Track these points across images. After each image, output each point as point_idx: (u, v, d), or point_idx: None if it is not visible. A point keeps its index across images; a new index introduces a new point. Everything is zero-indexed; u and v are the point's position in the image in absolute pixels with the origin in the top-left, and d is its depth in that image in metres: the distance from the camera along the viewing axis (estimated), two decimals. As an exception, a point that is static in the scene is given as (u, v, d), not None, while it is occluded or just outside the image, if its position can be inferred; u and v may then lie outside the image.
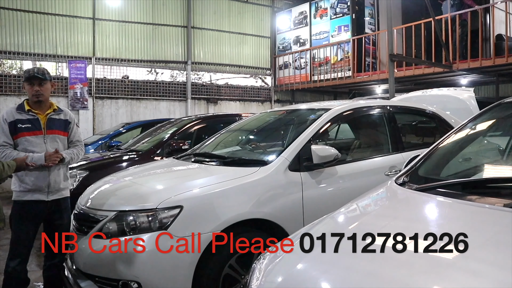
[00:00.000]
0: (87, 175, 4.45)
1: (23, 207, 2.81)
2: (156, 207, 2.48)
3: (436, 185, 1.74)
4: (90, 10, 9.74)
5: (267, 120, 4.08)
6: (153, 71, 11.27)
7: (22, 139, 2.80)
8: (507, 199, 1.47)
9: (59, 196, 2.90)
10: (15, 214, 2.84)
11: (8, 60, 10.43)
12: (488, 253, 1.22)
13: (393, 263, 1.27)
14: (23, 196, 2.81)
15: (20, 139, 2.80)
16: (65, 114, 2.98)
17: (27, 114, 2.84)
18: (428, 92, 6.19)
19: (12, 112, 2.85)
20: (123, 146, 6.08)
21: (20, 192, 2.82)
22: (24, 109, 2.85)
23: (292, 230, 2.34)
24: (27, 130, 2.82)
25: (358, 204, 1.89)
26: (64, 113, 2.98)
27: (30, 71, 2.85)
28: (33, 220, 2.85)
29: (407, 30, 9.28)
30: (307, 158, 2.91)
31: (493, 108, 2.29)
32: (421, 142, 4.03)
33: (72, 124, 3.00)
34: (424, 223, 1.56)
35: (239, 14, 11.82)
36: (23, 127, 2.81)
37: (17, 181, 2.83)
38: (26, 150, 2.77)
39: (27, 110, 2.85)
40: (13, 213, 2.86)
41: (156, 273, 2.39)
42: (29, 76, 2.82)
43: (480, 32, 8.37)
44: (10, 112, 2.86)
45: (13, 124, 2.80)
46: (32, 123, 2.83)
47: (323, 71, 10.90)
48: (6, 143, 2.77)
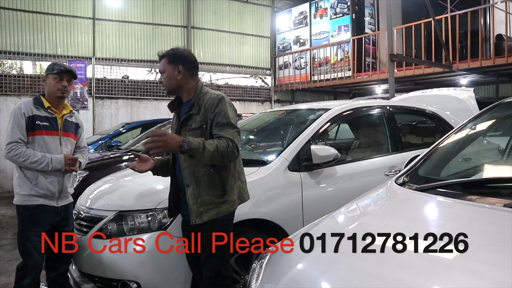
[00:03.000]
0: (87, 175, 4.45)
1: (35, 212, 2.57)
2: (155, 207, 2.48)
3: (436, 185, 1.74)
4: (90, 10, 9.74)
5: (267, 120, 4.08)
6: (153, 71, 11.26)
7: (39, 138, 2.56)
8: (507, 199, 1.47)
9: (67, 201, 2.73)
10: (26, 221, 2.58)
11: (8, 60, 10.44)
12: (488, 253, 1.22)
13: (393, 263, 1.27)
14: (33, 201, 2.56)
15: (37, 137, 2.56)
16: (76, 117, 2.84)
17: (46, 111, 2.61)
18: (428, 92, 6.19)
19: (30, 106, 2.57)
20: (123, 146, 6.08)
21: (30, 197, 2.56)
22: (42, 105, 2.61)
23: (292, 230, 2.34)
24: (45, 129, 2.58)
25: (358, 204, 1.89)
26: (76, 116, 2.83)
27: (61, 65, 2.67)
28: (45, 227, 2.62)
29: (407, 30, 9.28)
30: (307, 158, 2.91)
31: (493, 108, 2.29)
32: (421, 142, 4.03)
33: (81, 128, 2.88)
34: (424, 223, 1.56)
35: (239, 14, 11.82)
36: (41, 125, 2.57)
37: (26, 183, 2.56)
38: (41, 151, 2.55)
39: (46, 107, 2.62)
40: (24, 220, 2.59)
41: (156, 273, 2.39)
42: (61, 70, 2.63)
43: (480, 32, 8.37)
44: (28, 105, 2.58)
45: (31, 119, 2.54)
46: (50, 121, 2.61)
47: (323, 71, 10.90)
48: (21, 140, 2.51)
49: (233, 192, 2.22)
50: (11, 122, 2.55)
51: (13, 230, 5.22)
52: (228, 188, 2.18)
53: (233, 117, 2.18)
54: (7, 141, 2.52)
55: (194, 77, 2.30)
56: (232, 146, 2.07)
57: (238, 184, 2.27)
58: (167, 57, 2.28)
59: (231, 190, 2.20)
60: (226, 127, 2.12)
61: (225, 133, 2.09)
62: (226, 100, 2.19)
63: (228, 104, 2.19)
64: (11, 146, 2.50)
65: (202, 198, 2.15)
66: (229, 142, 2.07)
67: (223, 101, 2.18)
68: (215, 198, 2.16)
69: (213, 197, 2.15)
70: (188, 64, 2.27)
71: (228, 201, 2.18)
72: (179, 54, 2.29)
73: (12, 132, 2.52)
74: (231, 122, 2.14)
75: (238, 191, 2.27)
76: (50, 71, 2.66)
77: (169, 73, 2.26)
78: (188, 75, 2.26)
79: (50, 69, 2.67)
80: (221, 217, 2.16)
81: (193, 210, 2.16)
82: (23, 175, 2.57)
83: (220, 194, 2.16)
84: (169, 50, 2.32)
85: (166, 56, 2.29)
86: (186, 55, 2.31)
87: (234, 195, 2.22)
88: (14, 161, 2.53)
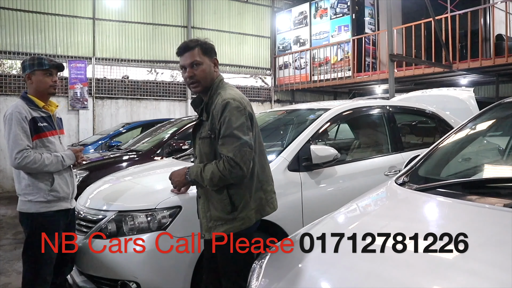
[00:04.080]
0: (87, 175, 4.45)
1: (52, 219, 2.43)
2: (155, 207, 2.47)
3: (436, 185, 1.74)
4: (90, 10, 9.75)
5: (267, 120, 4.08)
6: (153, 71, 11.26)
7: (44, 140, 2.42)
8: (507, 199, 1.47)
9: (74, 202, 2.64)
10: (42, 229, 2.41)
11: (8, 60, 10.43)
12: (488, 253, 1.22)
13: (393, 263, 1.27)
14: (51, 207, 2.42)
15: (42, 140, 2.41)
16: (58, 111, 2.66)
17: (41, 111, 2.46)
18: (428, 92, 6.19)
19: (26, 108, 2.39)
20: (123, 146, 6.08)
21: (47, 203, 2.40)
22: (37, 105, 2.44)
23: (291, 230, 2.34)
24: (47, 130, 2.44)
25: (358, 204, 1.89)
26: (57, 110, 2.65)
27: (50, 60, 2.47)
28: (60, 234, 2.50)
29: (407, 30, 9.28)
30: (307, 158, 2.91)
31: (493, 108, 2.29)
32: (421, 142, 4.03)
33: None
34: (424, 223, 1.56)
35: (239, 14, 11.83)
36: (43, 126, 2.42)
37: (40, 190, 2.39)
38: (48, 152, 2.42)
39: (41, 106, 2.46)
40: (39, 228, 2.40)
41: (155, 273, 2.39)
42: (52, 65, 2.44)
43: (480, 32, 8.37)
44: (25, 108, 2.39)
45: (32, 122, 2.37)
46: (47, 121, 2.47)
47: (323, 71, 10.90)
48: (28, 147, 2.33)
49: (248, 207, 2.00)
50: (13, 128, 2.33)
51: (13, 230, 5.22)
52: (240, 204, 1.98)
53: (239, 125, 1.92)
54: (16, 150, 2.30)
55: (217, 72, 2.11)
56: (230, 166, 1.88)
57: (258, 196, 2.05)
58: (200, 47, 2.01)
59: (244, 206, 1.99)
60: (228, 140, 1.91)
61: (225, 150, 1.91)
62: (232, 105, 1.92)
63: (235, 109, 1.92)
64: (22, 154, 2.30)
65: (211, 213, 2.01)
66: (226, 162, 1.88)
67: (228, 106, 1.92)
68: (223, 214, 1.98)
69: (222, 213, 1.98)
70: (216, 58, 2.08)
71: (239, 218, 1.98)
72: (210, 45, 2.06)
73: (19, 139, 2.32)
74: (234, 133, 1.90)
75: (258, 203, 2.05)
76: (38, 66, 2.43)
77: (207, 65, 2.01)
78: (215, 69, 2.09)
79: (38, 64, 2.43)
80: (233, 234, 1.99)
81: (202, 224, 2.06)
82: (36, 181, 2.39)
83: (228, 211, 1.97)
84: (196, 40, 2.04)
85: (199, 46, 2.01)
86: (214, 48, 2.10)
87: (248, 211, 2.00)
88: (28, 169, 2.35)
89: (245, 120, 1.96)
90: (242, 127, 1.93)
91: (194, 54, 2.00)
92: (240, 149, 1.89)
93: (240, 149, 1.89)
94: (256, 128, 2.11)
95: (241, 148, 1.90)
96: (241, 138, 1.91)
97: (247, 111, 1.99)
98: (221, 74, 2.15)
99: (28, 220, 2.44)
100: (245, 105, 2.00)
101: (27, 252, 2.47)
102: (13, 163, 2.33)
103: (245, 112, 1.97)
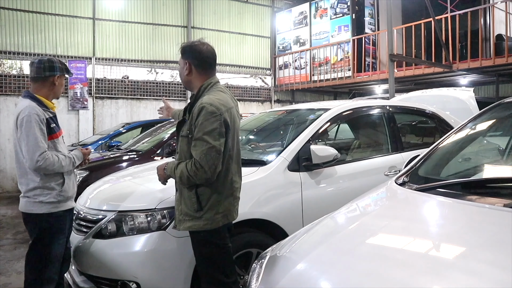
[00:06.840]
0: (87, 175, 4.45)
1: (61, 219, 2.47)
2: (155, 207, 2.47)
3: (436, 185, 1.74)
4: (90, 10, 9.75)
5: (267, 120, 4.08)
6: (153, 71, 11.26)
7: (55, 141, 2.46)
8: (507, 199, 1.47)
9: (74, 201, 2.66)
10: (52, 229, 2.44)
11: (8, 60, 10.42)
12: (488, 253, 1.22)
13: (393, 263, 1.27)
14: (61, 207, 2.46)
15: (53, 141, 2.44)
16: None
17: (49, 112, 2.49)
18: (428, 92, 6.19)
19: (39, 109, 2.40)
20: (123, 146, 6.08)
21: (58, 203, 2.44)
22: (45, 105, 2.47)
23: (291, 230, 2.34)
24: (57, 131, 2.49)
25: (358, 204, 1.89)
26: None
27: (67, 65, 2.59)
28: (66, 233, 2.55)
29: (407, 30, 9.28)
30: (307, 158, 2.91)
31: (493, 108, 2.29)
32: (421, 142, 4.03)
33: None
34: (424, 223, 1.56)
35: (239, 14, 11.83)
36: (54, 127, 2.47)
37: (52, 190, 2.42)
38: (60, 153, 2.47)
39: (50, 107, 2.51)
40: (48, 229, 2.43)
41: (155, 273, 2.39)
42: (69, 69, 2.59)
43: (480, 32, 8.37)
44: (38, 109, 2.40)
45: (46, 123, 2.41)
46: (55, 122, 2.51)
47: (323, 71, 10.90)
48: (46, 148, 2.35)
49: (214, 210, 2.06)
50: (32, 130, 2.32)
51: (13, 230, 5.22)
52: (206, 205, 2.06)
53: (210, 130, 1.97)
54: (38, 152, 2.30)
55: (203, 75, 2.15)
56: (196, 168, 1.96)
57: (229, 201, 2.11)
58: (181, 49, 2.17)
59: (210, 208, 2.06)
60: (198, 143, 1.99)
61: (194, 152, 2.00)
62: (208, 110, 1.98)
63: (210, 114, 1.97)
64: (44, 156, 2.31)
65: (182, 207, 2.12)
66: (193, 164, 1.98)
67: (204, 110, 1.98)
68: (190, 211, 2.08)
69: (189, 209, 2.08)
70: (196, 60, 2.13)
71: (203, 218, 2.06)
72: (189, 48, 2.15)
73: (39, 141, 2.32)
74: (204, 137, 1.97)
75: (227, 208, 2.11)
76: (63, 72, 2.56)
77: (180, 67, 2.20)
78: (196, 72, 2.14)
79: (65, 70, 2.59)
80: (199, 230, 2.08)
81: (176, 216, 2.18)
82: (48, 182, 2.41)
83: (195, 209, 2.06)
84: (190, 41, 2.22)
85: (181, 48, 2.18)
86: (198, 50, 2.14)
87: (214, 214, 2.06)
88: (46, 170, 2.37)
89: (219, 126, 2.01)
90: (213, 133, 1.99)
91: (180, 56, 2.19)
92: (206, 154, 1.97)
93: (207, 154, 1.97)
94: (235, 136, 2.17)
95: (208, 152, 1.97)
96: (210, 143, 1.98)
97: (223, 118, 2.03)
98: (213, 77, 2.20)
99: (37, 221, 2.43)
100: (223, 111, 2.04)
101: (32, 252, 2.48)
102: (34, 166, 2.33)
103: (220, 118, 2.01)
